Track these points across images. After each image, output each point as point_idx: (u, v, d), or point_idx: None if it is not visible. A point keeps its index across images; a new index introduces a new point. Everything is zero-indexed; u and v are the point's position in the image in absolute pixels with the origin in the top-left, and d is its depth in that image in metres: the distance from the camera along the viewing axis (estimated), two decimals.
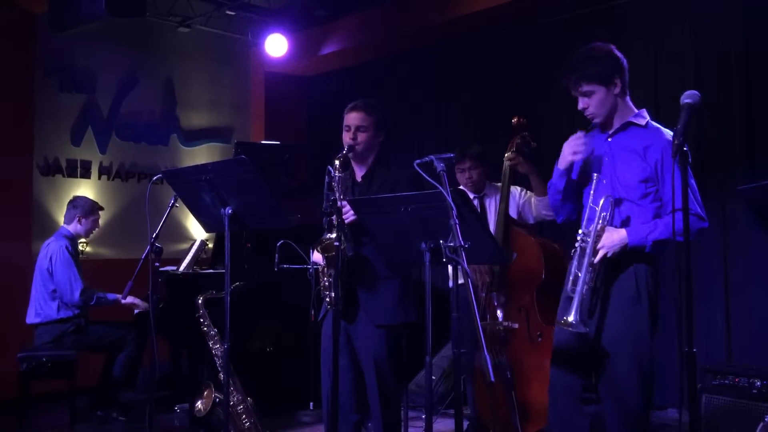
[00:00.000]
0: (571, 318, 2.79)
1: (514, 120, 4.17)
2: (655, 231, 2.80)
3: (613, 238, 2.83)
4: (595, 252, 2.83)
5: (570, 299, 2.82)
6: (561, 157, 2.98)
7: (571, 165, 2.97)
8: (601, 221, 2.86)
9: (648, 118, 2.96)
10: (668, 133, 2.89)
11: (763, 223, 2.42)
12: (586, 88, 2.90)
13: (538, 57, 5.81)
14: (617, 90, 2.92)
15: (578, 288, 2.81)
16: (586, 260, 2.82)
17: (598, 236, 2.84)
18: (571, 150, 2.94)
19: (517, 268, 3.91)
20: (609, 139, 2.98)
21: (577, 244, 2.87)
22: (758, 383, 3.94)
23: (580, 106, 2.95)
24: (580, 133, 2.95)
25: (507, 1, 5.46)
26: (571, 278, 2.87)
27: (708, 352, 4.70)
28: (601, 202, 2.87)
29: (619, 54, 2.93)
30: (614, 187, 2.91)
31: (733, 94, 4.84)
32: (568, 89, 2.96)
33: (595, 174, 2.93)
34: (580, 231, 2.88)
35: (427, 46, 6.57)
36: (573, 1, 5.46)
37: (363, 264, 3.30)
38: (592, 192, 2.92)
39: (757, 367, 4.20)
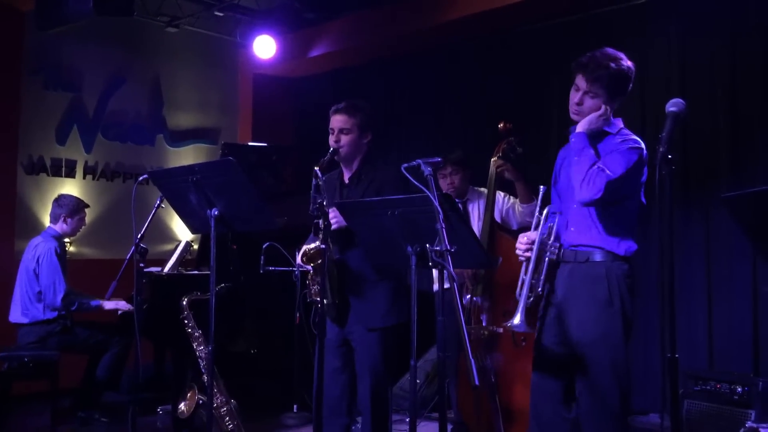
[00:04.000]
0: (516, 320, 2.91)
1: (501, 125, 4.20)
2: (589, 152, 2.85)
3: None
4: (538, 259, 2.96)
5: (517, 303, 2.96)
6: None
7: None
8: (544, 231, 2.96)
9: (622, 125, 3.00)
10: (635, 138, 2.93)
11: (746, 231, 2.45)
12: (596, 89, 2.91)
13: (526, 62, 5.85)
14: (614, 106, 2.97)
15: (524, 292, 2.94)
16: (531, 266, 2.93)
17: (542, 244, 2.95)
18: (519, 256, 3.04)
19: (502, 272, 3.92)
20: None
21: (521, 252, 2.98)
22: (739, 389, 3.97)
23: (576, 100, 2.97)
24: (523, 241, 3.04)
25: (495, 6, 5.49)
26: (519, 283, 2.98)
27: (690, 358, 4.74)
28: (545, 212, 2.98)
29: (633, 76, 2.96)
30: None
31: (718, 103, 4.89)
32: (574, 74, 2.96)
33: (542, 186, 3.09)
34: (524, 238, 3.00)
35: (415, 50, 6.58)
36: (560, 8, 5.49)
37: (351, 267, 3.30)
38: (538, 204, 3.06)
39: (738, 374, 4.24)
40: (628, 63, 2.94)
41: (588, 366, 2.88)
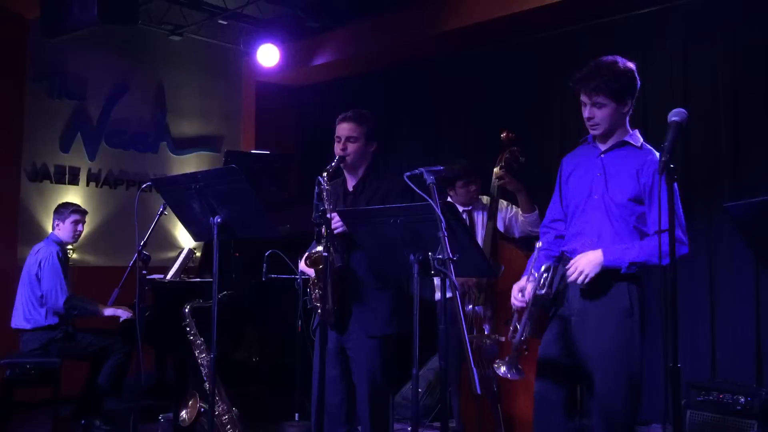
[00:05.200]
0: (503, 369, 2.98)
1: (503, 135, 4.20)
2: (631, 252, 2.80)
3: (590, 258, 2.83)
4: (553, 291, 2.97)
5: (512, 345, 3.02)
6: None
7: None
8: (544, 287, 2.95)
9: (642, 139, 2.98)
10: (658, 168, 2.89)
11: (749, 240, 2.45)
12: (599, 99, 2.88)
13: (530, 72, 5.86)
14: (626, 109, 2.92)
15: (516, 338, 2.98)
16: (524, 317, 2.96)
17: (537, 299, 2.96)
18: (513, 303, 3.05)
19: (504, 281, 3.91)
20: (602, 156, 2.99)
21: (515, 303, 3.01)
22: (742, 400, 3.96)
23: (586, 114, 2.94)
24: (517, 296, 3.04)
25: (498, 16, 5.51)
26: (511, 328, 3.03)
27: (693, 368, 4.73)
28: (543, 268, 2.96)
29: (637, 75, 2.93)
30: (606, 203, 2.92)
31: (719, 112, 4.89)
32: (577, 92, 2.94)
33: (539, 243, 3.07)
34: (518, 292, 3.01)
35: (419, 60, 6.60)
36: (561, 18, 5.51)
37: (353, 275, 3.30)
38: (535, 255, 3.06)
39: (741, 384, 4.23)
40: (626, 64, 2.92)
41: (603, 376, 2.85)
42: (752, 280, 4.68)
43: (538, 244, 3.15)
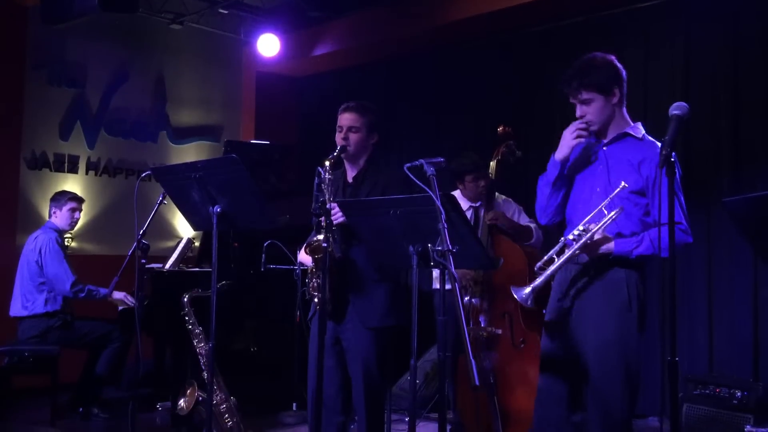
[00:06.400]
0: (527, 290, 2.81)
1: (500, 129, 4.19)
2: (641, 246, 2.81)
3: (600, 245, 2.85)
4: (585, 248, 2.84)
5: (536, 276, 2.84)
6: (561, 145, 2.94)
7: (569, 154, 2.95)
8: (602, 229, 2.85)
9: (644, 131, 2.98)
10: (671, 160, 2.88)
11: (747, 235, 2.45)
12: (585, 96, 2.90)
13: (530, 65, 5.85)
14: (615, 100, 2.93)
15: (548, 271, 2.82)
16: (569, 252, 2.82)
17: (594, 241, 2.84)
18: (573, 134, 2.89)
19: (502, 273, 3.92)
20: (604, 148, 2.99)
21: (571, 236, 2.84)
22: (739, 394, 3.98)
23: (578, 113, 2.95)
24: (579, 123, 2.91)
25: (498, 8, 5.50)
26: (545, 258, 2.87)
27: (690, 362, 4.74)
28: (613, 213, 2.84)
29: (619, 65, 2.94)
30: (608, 195, 2.92)
31: (720, 107, 4.89)
32: (567, 96, 2.96)
33: (623, 182, 2.85)
34: (580, 226, 2.84)
35: (420, 51, 6.59)
36: (564, 10, 5.49)
37: (352, 266, 3.30)
38: (609, 197, 2.87)
39: (738, 378, 4.25)
40: (605, 56, 2.93)
41: (600, 370, 2.85)
42: (750, 275, 4.69)
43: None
